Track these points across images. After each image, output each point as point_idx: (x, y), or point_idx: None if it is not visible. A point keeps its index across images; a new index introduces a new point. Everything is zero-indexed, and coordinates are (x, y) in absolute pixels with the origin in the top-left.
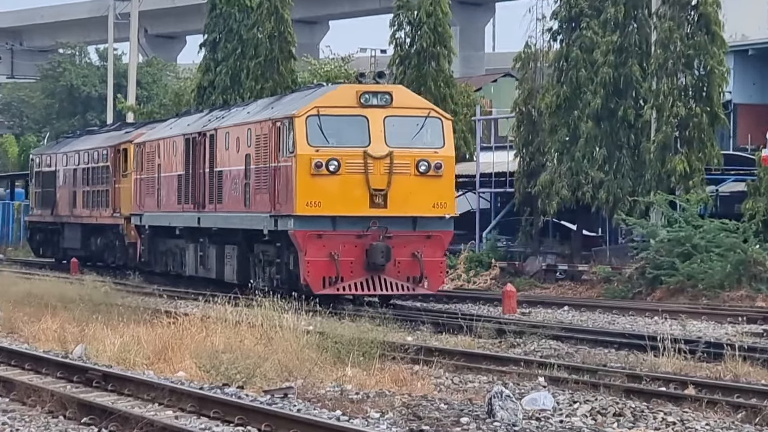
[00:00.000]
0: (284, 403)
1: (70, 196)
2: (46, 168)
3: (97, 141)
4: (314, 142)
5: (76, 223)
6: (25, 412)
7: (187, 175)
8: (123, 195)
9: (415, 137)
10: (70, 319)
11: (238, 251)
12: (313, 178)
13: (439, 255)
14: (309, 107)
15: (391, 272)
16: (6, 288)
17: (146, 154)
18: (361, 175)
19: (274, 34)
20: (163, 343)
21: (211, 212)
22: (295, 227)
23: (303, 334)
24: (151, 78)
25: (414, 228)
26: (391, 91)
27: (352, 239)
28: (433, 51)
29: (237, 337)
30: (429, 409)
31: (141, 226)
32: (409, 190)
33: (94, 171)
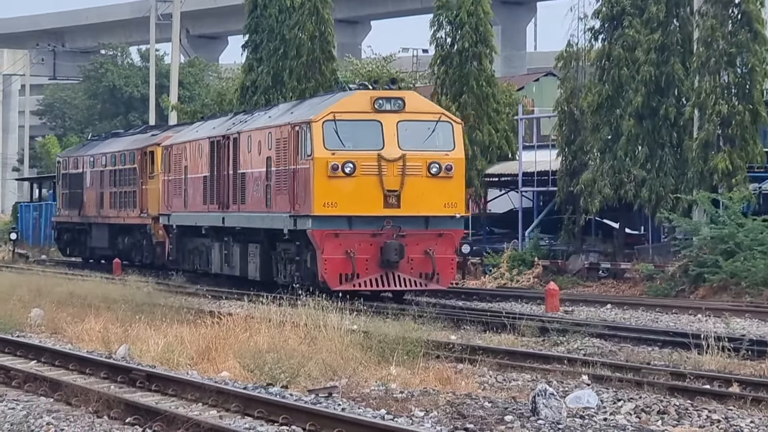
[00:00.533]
0: (329, 403)
1: (97, 197)
2: (73, 170)
3: (123, 144)
4: (331, 146)
5: (103, 223)
6: (70, 412)
7: (212, 176)
8: (150, 196)
9: (427, 140)
10: (113, 319)
11: (260, 249)
12: (329, 180)
13: (450, 252)
14: (326, 112)
15: (404, 269)
16: (49, 288)
17: (173, 157)
18: (376, 176)
19: (315, 35)
20: (207, 343)
21: (234, 212)
22: (313, 227)
23: (347, 333)
24: (193, 78)
25: (426, 227)
26: (404, 96)
27: (368, 238)
28: (474, 50)
29: (281, 337)
30: (473, 408)
31: (169, 226)
32: (421, 190)
33: (121, 173)
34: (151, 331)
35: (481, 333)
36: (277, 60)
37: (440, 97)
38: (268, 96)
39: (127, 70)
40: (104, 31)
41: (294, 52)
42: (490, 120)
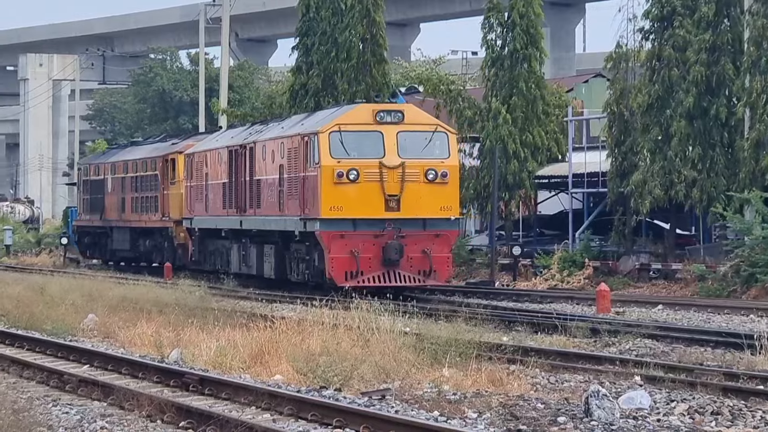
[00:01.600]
0: (382, 405)
1: (119, 201)
2: (95, 177)
3: (144, 152)
4: (336, 155)
5: (125, 226)
6: (123, 416)
7: (231, 182)
8: (171, 201)
9: (424, 149)
10: (165, 323)
11: (275, 250)
12: (335, 186)
13: (446, 251)
14: (331, 124)
15: (404, 267)
16: (101, 293)
17: (195, 164)
18: (377, 182)
19: (366, 37)
20: (260, 347)
21: (251, 216)
22: (321, 228)
23: (400, 335)
24: (242, 82)
25: (424, 228)
26: (403, 109)
27: (370, 238)
28: (525, 53)
29: (334, 340)
30: (526, 409)
31: (191, 229)
32: (419, 195)
33: (143, 179)
34: (203, 335)
35: (533, 334)
36: (328, 63)
37: (490, 99)
38: (318, 99)
39: (176, 74)
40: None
41: (345, 54)
42: (540, 122)
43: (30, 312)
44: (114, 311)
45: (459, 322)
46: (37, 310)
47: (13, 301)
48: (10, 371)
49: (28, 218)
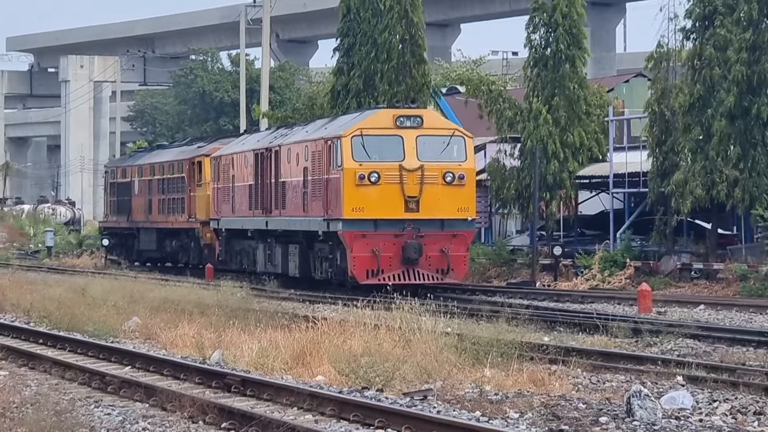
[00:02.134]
0: (424, 405)
1: (145, 203)
2: (121, 179)
3: (171, 155)
4: (358, 158)
5: (151, 227)
6: (165, 417)
7: (257, 184)
8: (198, 202)
9: (442, 153)
10: (206, 324)
11: (299, 249)
12: (357, 188)
13: (463, 250)
14: (353, 129)
15: (423, 265)
16: (142, 294)
17: (222, 167)
18: (398, 184)
19: (406, 38)
20: (301, 348)
21: (276, 216)
22: (343, 228)
23: (441, 336)
24: (283, 82)
25: (442, 228)
26: (422, 114)
27: (391, 238)
28: (568, 53)
29: (375, 341)
30: (568, 409)
31: (218, 230)
32: (437, 197)
33: (169, 181)
34: (245, 336)
35: (574, 334)
36: (368, 64)
37: (531, 99)
38: (359, 100)
39: (217, 75)
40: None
41: (385, 55)
42: (581, 122)
43: (72, 313)
44: (155, 313)
45: (500, 323)
46: (78, 312)
47: (55, 302)
48: (52, 372)
49: (70, 220)
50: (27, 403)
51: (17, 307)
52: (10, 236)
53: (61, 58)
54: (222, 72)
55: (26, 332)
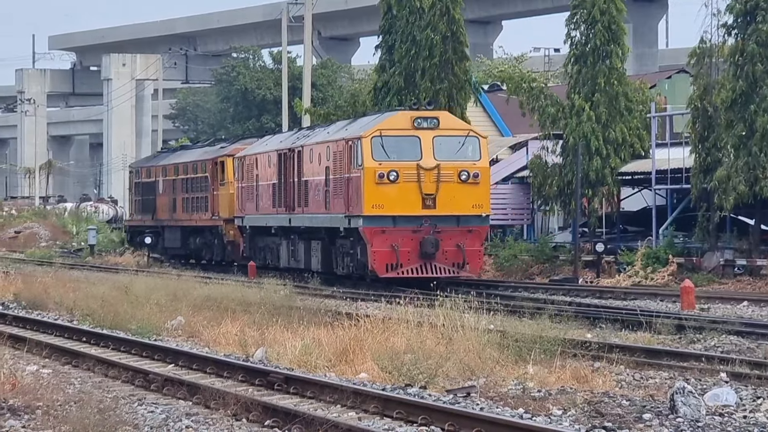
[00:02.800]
0: (467, 402)
1: (170, 202)
2: (146, 179)
3: (194, 155)
4: (378, 157)
5: (176, 225)
6: (208, 415)
7: (280, 183)
8: (221, 201)
9: (458, 152)
10: (249, 322)
11: (321, 245)
12: (377, 186)
13: (477, 245)
14: (373, 129)
15: (440, 259)
16: (186, 292)
17: (246, 166)
18: (415, 183)
19: (447, 35)
20: (345, 345)
21: (299, 214)
22: (364, 225)
23: (484, 333)
24: (325, 80)
25: (458, 224)
26: (438, 116)
27: (409, 233)
28: (606, 49)
29: (418, 338)
30: (611, 406)
31: (243, 227)
32: (453, 194)
33: (193, 180)
34: (288, 334)
35: (617, 331)
36: (410, 61)
37: (573, 95)
38: (401, 97)
39: (259, 73)
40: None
41: (426, 52)
42: (623, 118)
43: (115, 311)
44: (198, 311)
45: (543, 319)
46: (121, 310)
47: (98, 300)
48: (95, 371)
49: (112, 218)
50: (71, 401)
51: (60, 306)
52: (53, 234)
53: (103, 57)
54: (264, 69)
55: (69, 330)
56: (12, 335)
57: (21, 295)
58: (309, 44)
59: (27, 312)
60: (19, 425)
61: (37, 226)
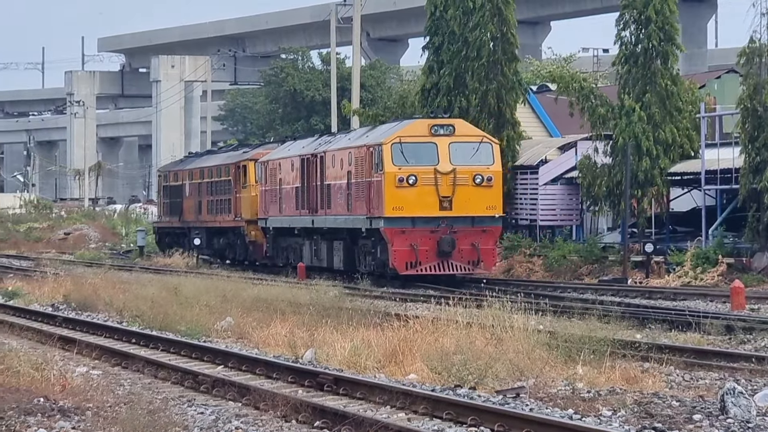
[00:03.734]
0: (516, 403)
1: (195, 204)
2: (173, 183)
3: (219, 159)
4: (398, 163)
5: (201, 226)
6: (258, 416)
7: (303, 187)
8: (243, 203)
9: (472, 157)
10: (299, 323)
11: (343, 245)
12: (397, 189)
13: (491, 244)
14: (393, 136)
15: (456, 257)
16: (235, 293)
17: (269, 171)
18: (433, 186)
19: (497, 36)
20: (394, 346)
21: (322, 215)
22: (385, 225)
23: (533, 333)
24: (374, 81)
25: (473, 225)
26: (454, 123)
27: (427, 233)
28: (660, 49)
29: (468, 339)
30: (661, 407)
31: (266, 228)
32: (468, 196)
33: (217, 184)
34: (337, 335)
35: (667, 331)
36: (459, 62)
37: (623, 96)
38: (450, 98)
39: (308, 74)
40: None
41: (475, 53)
42: (673, 118)
43: (164, 313)
44: (248, 312)
45: (592, 320)
46: (171, 311)
47: (148, 302)
48: (145, 372)
49: None
50: (120, 402)
51: (110, 307)
52: (102, 236)
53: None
54: (313, 71)
55: (119, 332)
56: (62, 337)
57: (71, 297)
58: (357, 45)
59: (77, 313)
60: (69, 426)
61: (86, 227)
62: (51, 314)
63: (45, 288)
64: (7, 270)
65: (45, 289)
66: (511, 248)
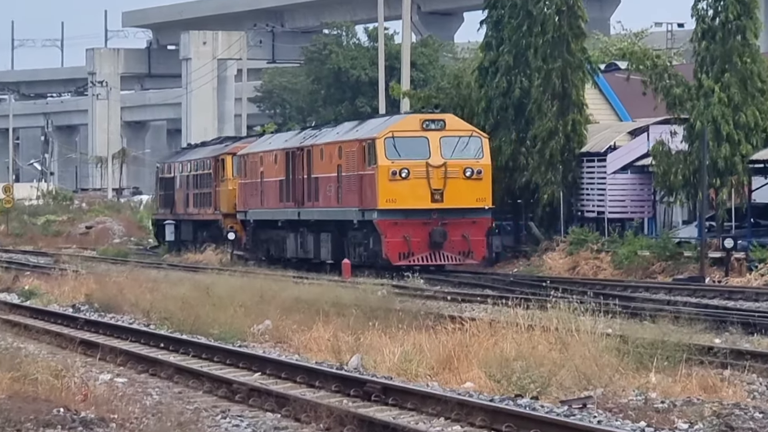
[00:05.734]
0: (583, 415)
1: (184, 197)
2: (167, 175)
3: (204, 152)
4: (390, 156)
5: (189, 219)
6: (298, 428)
7: (288, 180)
8: (221, 196)
9: (463, 151)
10: (343, 326)
11: (332, 237)
12: (390, 182)
13: (481, 235)
14: (386, 131)
15: (447, 248)
16: (274, 293)
17: (249, 164)
18: (425, 179)
19: (563, 9)
20: (448, 352)
21: (309, 208)
22: (378, 217)
23: (601, 337)
24: (426, 59)
25: (463, 216)
26: (445, 118)
27: (419, 225)
28: (738, 23)
29: (529, 343)
30: (742, 419)
31: (246, 221)
32: (458, 189)
33: (200, 177)
34: (386, 339)
35: (748, 335)
36: (520, 37)
37: (700, 75)
38: (510, 78)
39: (353, 52)
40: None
41: (539, 28)
42: (755, 100)
43: (195, 315)
44: (287, 313)
45: (666, 323)
46: (203, 313)
47: (177, 302)
48: (174, 380)
49: None
50: (148, 413)
51: (136, 308)
52: (127, 230)
53: (181, 34)
54: (358, 48)
55: (146, 335)
56: (83, 341)
57: (93, 297)
58: (408, 20)
59: (100, 315)
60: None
61: (109, 220)
62: (72, 316)
63: (65, 287)
64: (23, 267)
65: (65, 289)
66: (577, 243)
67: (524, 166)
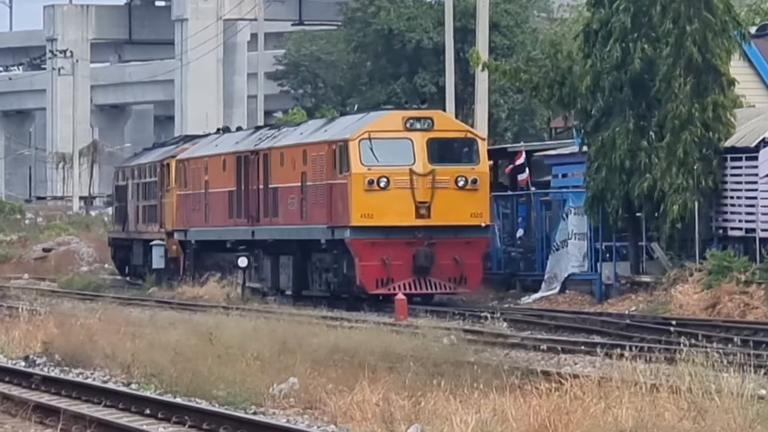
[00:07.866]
0: None
1: (134, 210)
2: (121, 182)
3: (155, 155)
4: (366, 162)
5: (139, 239)
6: None
7: (239, 191)
8: (166, 210)
9: (454, 156)
10: (397, 386)
11: (293, 261)
12: (366, 193)
13: (476, 258)
14: (361, 131)
15: (435, 274)
16: (301, 340)
17: (191, 171)
18: (408, 189)
19: None
20: (541, 420)
21: (266, 225)
22: (351, 236)
23: (752, 401)
24: (512, 20)
25: (455, 235)
26: (432, 116)
27: (401, 245)
28: None
29: (653, 409)
30: None
31: (186, 242)
32: (449, 202)
33: (148, 186)
34: (455, 404)
35: None
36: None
37: None
38: (626, 44)
39: (410, 10)
40: None
41: None
42: None
43: (193, 370)
44: (320, 368)
45: None
46: (203, 368)
47: (169, 353)
48: None
49: None
50: None
51: (112, 361)
52: (99, 254)
53: None
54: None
55: (126, 398)
56: (39, 405)
57: (53, 345)
58: None
59: (62, 371)
60: None
61: (75, 240)
62: (24, 371)
63: (14, 332)
64: None
65: (14, 334)
66: (717, 272)
67: (646, 167)
